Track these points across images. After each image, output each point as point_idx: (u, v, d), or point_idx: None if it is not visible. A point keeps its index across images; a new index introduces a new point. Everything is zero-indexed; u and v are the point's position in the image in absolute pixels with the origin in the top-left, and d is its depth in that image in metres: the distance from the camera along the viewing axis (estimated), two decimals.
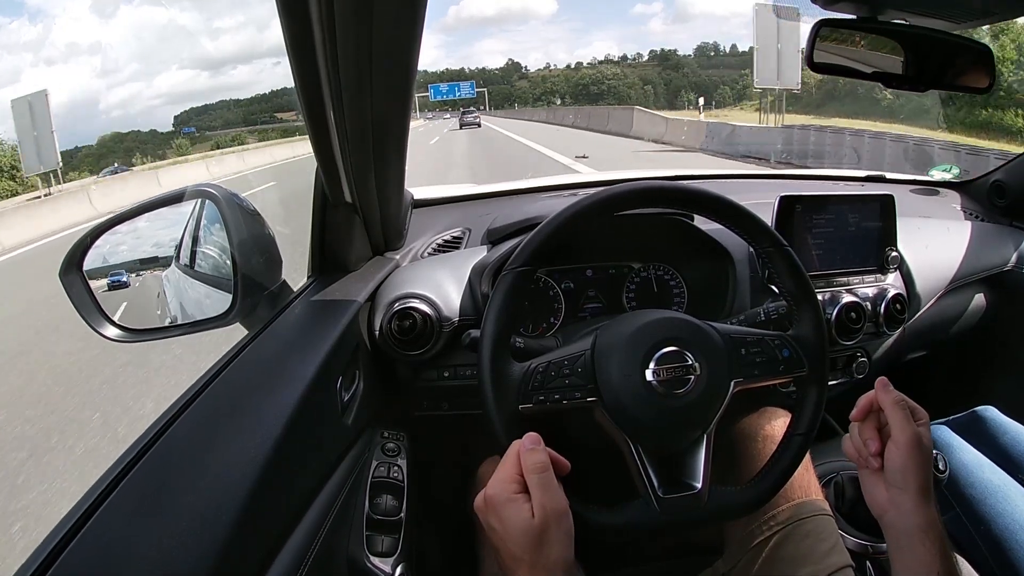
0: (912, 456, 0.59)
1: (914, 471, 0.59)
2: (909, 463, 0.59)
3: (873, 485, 0.63)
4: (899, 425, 0.61)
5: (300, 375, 0.63)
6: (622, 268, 1.04)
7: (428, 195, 1.23)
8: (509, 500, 0.56)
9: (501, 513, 0.56)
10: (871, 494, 0.63)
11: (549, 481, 0.57)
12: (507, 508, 0.56)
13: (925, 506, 0.59)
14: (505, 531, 0.56)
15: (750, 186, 1.49)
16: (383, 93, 0.61)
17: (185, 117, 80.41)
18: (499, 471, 0.59)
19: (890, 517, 0.61)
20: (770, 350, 0.70)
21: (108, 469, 0.50)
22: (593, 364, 0.66)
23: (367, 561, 0.64)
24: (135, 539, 0.44)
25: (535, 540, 0.55)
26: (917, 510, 0.59)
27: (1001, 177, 1.37)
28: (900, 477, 0.60)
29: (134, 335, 0.80)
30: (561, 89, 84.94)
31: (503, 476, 0.58)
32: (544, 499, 0.56)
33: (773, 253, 0.73)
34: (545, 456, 0.58)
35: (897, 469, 0.60)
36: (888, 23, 0.80)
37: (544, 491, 0.56)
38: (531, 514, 0.55)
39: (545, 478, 0.57)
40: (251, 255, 0.80)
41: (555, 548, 0.55)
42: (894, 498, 0.60)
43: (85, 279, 0.77)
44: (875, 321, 1.03)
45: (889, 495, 0.61)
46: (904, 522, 0.59)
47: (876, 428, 0.64)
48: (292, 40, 0.53)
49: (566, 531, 0.56)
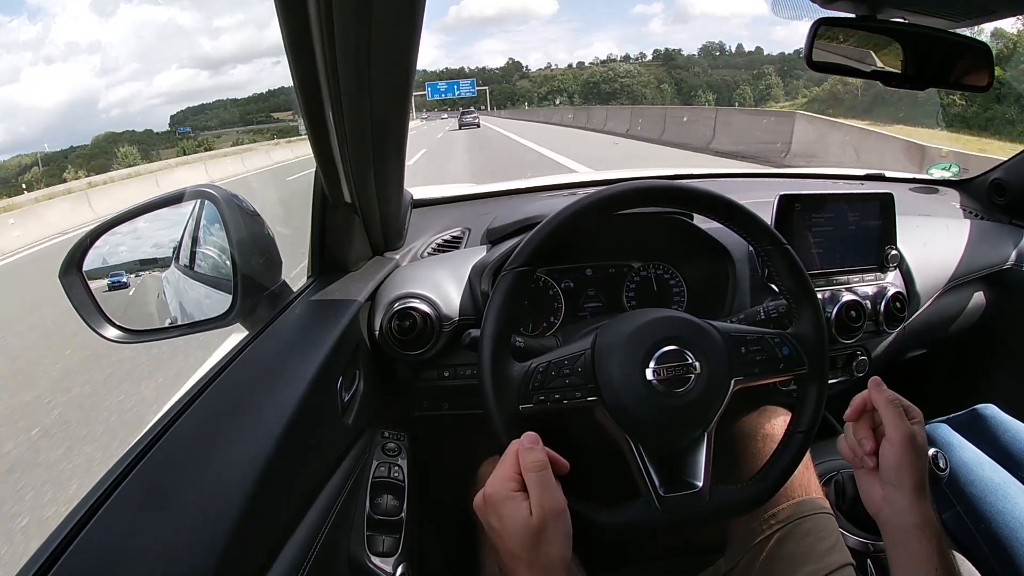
0: (906, 454, 0.60)
1: (908, 469, 0.60)
2: (903, 461, 0.60)
3: (869, 484, 0.63)
4: (893, 424, 0.61)
5: (300, 375, 0.63)
6: (622, 267, 1.04)
7: (428, 195, 1.23)
8: (508, 498, 0.57)
9: (500, 511, 0.56)
10: (867, 493, 0.64)
11: (547, 480, 0.57)
12: (505, 506, 0.56)
13: (921, 503, 0.59)
14: (504, 529, 0.56)
15: (749, 185, 1.49)
16: (382, 93, 0.61)
17: (181, 117, 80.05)
18: (498, 470, 0.59)
19: (886, 515, 0.61)
20: (770, 348, 0.70)
21: (110, 469, 0.50)
22: (593, 363, 0.66)
23: (368, 561, 0.64)
24: (137, 538, 0.44)
25: (533, 538, 0.55)
26: (913, 508, 0.59)
27: (1000, 175, 1.37)
28: (895, 475, 0.60)
29: (134, 336, 0.80)
30: (569, 88, 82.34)
31: (502, 475, 0.58)
32: (542, 498, 0.56)
33: (772, 252, 0.73)
34: (543, 455, 0.58)
35: (892, 467, 0.61)
36: (887, 22, 0.80)
37: (542, 490, 0.56)
38: (529, 512, 0.55)
39: (543, 477, 0.57)
40: (251, 255, 0.80)
41: (553, 547, 0.55)
42: (889, 496, 0.61)
43: (85, 280, 0.77)
44: (875, 320, 1.03)
45: (884, 493, 0.61)
46: (900, 520, 0.60)
47: (870, 427, 0.64)
48: (291, 40, 0.53)
49: (564, 530, 0.57)
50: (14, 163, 58.39)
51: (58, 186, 20.91)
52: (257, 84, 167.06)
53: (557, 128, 25.67)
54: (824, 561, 0.73)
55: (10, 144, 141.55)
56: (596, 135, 19.13)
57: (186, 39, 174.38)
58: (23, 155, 64.94)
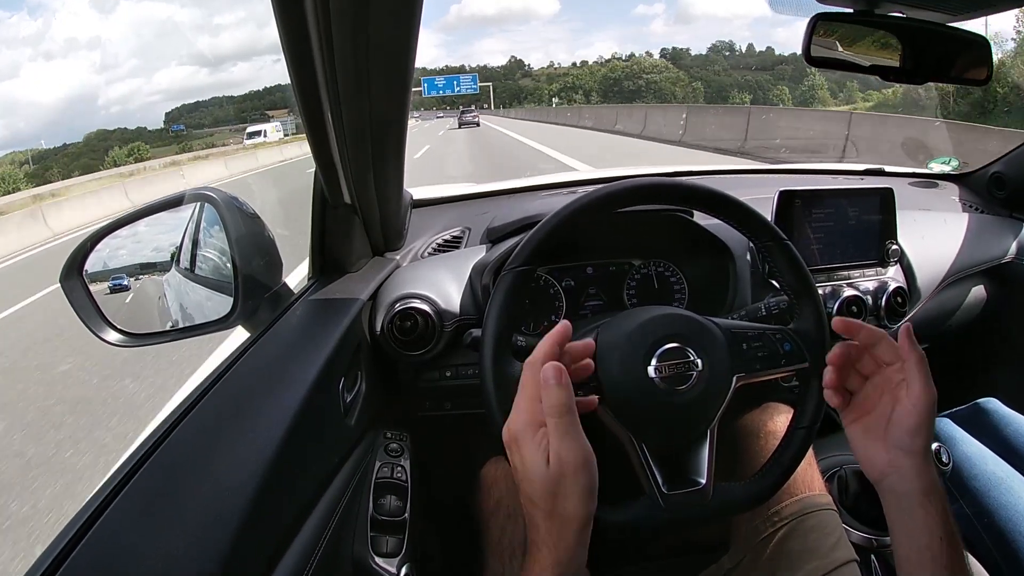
0: (927, 418, 0.55)
1: (925, 433, 0.55)
2: (923, 424, 0.55)
3: (870, 447, 0.59)
4: (923, 384, 0.56)
5: (302, 377, 0.63)
6: (622, 265, 1.04)
7: (427, 195, 1.23)
8: (528, 439, 0.52)
9: (522, 452, 0.52)
10: (869, 458, 0.59)
11: (568, 427, 0.51)
12: (525, 447, 0.52)
13: (928, 468, 0.56)
14: (524, 472, 0.52)
15: (749, 181, 1.49)
16: (381, 93, 0.61)
17: (176, 114, 79.02)
18: (519, 400, 0.54)
19: (891, 481, 0.57)
20: (771, 344, 0.70)
21: (113, 472, 0.50)
22: (595, 362, 0.66)
23: (372, 562, 0.64)
24: (140, 542, 0.44)
25: (550, 489, 0.51)
26: (921, 474, 0.55)
27: (1000, 168, 1.37)
28: (909, 440, 0.55)
29: (135, 339, 0.80)
30: (585, 84, 74.75)
31: (525, 407, 0.53)
32: (560, 447, 0.50)
33: (772, 247, 0.73)
34: (568, 395, 0.52)
35: (909, 430, 0.55)
36: (885, 16, 0.80)
37: (561, 439, 0.51)
38: (547, 461, 0.51)
39: (564, 423, 0.51)
40: (251, 257, 0.80)
41: (571, 501, 0.51)
42: (896, 461, 0.56)
43: (86, 283, 0.77)
44: (876, 314, 1.03)
45: (891, 458, 0.57)
46: (906, 486, 0.56)
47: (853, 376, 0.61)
48: (289, 41, 0.53)
49: (585, 485, 0.51)
50: (8, 159, 57.29)
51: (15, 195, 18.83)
52: (256, 82, 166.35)
53: (602, 136, 17.42)
54: (828, 557, 0.73)
55: (9, 140, 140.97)
56: (647, 144, 14.35)
57: (185, 36, 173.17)
58: (17, 151, 64.05)
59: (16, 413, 3.12)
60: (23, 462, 2.56)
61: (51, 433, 2.81)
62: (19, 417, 3.05)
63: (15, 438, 2.81)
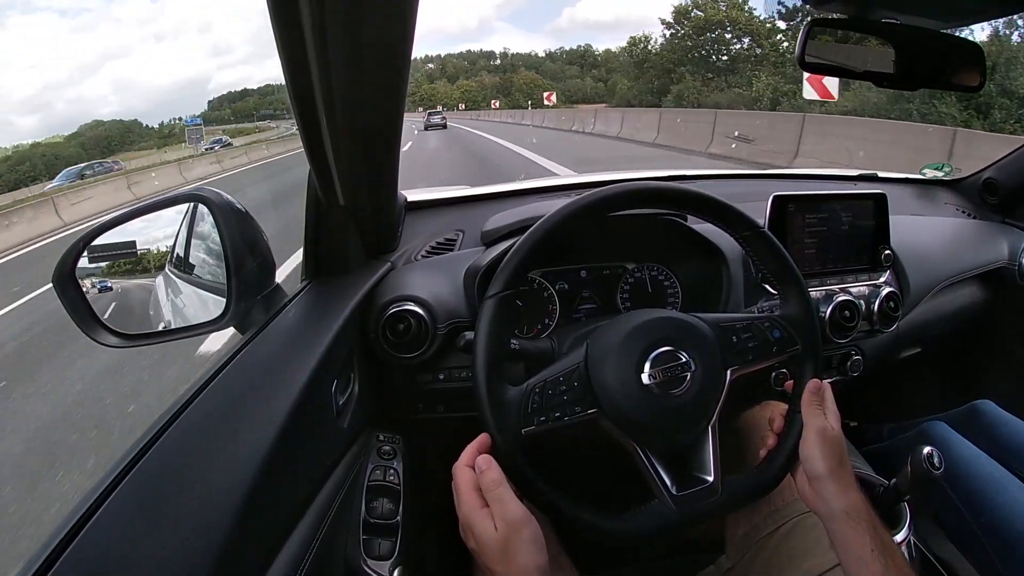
0: (817, 444, 0.65)
1: (821, 458, 0.64)
2: (815, 451, 0.64)
3: (802, 484, 0.68)
4: (807, 417, 0.67)
5: (295, 379, 0.63)
6: (616, 269, 1.04)
7: (421, 197, 1.23)
8: (478, 518, 0.60)
9: (475, 530, 0.60)
10: (803, 494, 0.68)
11: (503, 495, 0.60)
12: (477, 525, 0.60)
13: (845, 491, 0.63)
14: (480, 544, 0.60)
15: (743, 186, 1.49)
16: (376, 95, 0.61)
17: (218, 103, 76.90)
18: (461, 497, 0.63)
19: (818, 508, 0.65)
20: (760, 333, 0.70)
21: (104, 474, 0.50)
22: (588, 375, 0.66)
23: (364, 565, 0.64)
24: (131, 544, 0.44)
25: (502, 548, 0.58)
26: (839, 495, 0.62)
27: (992, 175, 1.38)
28: (811, 466, 0.65)
29: (129, 340, 0.80)
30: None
31: (466, 500, 0.62)
32: (503, 512, 0.59)
33: (751, 237, 0.73)
34: (498, 473, 0.62)
35: (808, 458, 0.65)
36: (879, 23, 0.80)
37: (500, 504, 0.60)
38: (494, 528, 0.59)
39: (501, 492, 0.60)
40: (244, 258, 0.79)
41: (522, 556, 0.58)
42: (816, 489, 0.64)
43: (78, 284, 0.76)
44: (869, 319, 1.03)
45: (813, 488, 0.65)
46: (827, 508, 0.63)
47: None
48: (283, 43, 0.52)
49: (530, 538, 0.59)
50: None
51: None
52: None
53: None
54: (827, 556, 0.73)
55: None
56: None
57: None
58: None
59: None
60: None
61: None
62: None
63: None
